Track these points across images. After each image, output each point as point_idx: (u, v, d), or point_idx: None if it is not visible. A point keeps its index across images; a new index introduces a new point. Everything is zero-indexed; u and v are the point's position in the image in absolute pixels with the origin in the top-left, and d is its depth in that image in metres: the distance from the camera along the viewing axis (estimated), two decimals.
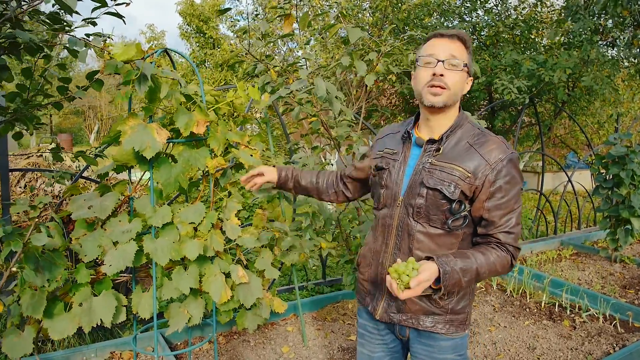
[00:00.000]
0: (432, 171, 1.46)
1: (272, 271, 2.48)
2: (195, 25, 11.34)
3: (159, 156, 2.16)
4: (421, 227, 1.48)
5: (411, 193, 1.49)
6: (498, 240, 1.45)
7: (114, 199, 2.18)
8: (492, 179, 1.41)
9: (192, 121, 2.14)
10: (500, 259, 1.44)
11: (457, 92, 1.47)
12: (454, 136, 1.50)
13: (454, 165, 1.44)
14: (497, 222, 1.44)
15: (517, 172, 1.46)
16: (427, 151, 1.51)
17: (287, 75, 2.71)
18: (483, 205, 1.43)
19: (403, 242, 1.51)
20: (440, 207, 1.45)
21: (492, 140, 1.46)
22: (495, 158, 1.42)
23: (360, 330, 1.75)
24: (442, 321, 1.52)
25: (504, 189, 1.42)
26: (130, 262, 2.07)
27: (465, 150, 1.46)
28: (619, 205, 4.49)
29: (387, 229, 1.56)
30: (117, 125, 2.05)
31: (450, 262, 1.36)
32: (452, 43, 1.47)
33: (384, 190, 1.58)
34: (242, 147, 2.42)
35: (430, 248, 1.48)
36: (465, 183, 1.42)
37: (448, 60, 1.44)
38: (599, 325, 3.37)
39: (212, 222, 2.26)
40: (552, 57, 5.38)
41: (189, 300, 2.38)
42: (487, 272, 1.42)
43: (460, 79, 1.46)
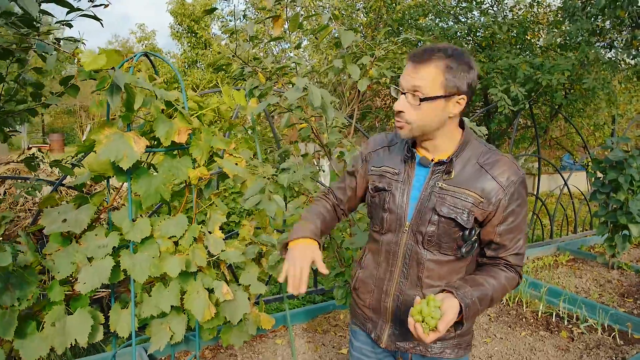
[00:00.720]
0: (444, 197, 1.36)
1: (259, 286, 2.36)
2: (187, 25, 11.17)
3: (138, 166, 2.04)
4: (431, 255, 1.39)
5: (420, 220, 1.39)
6: (507, 262, 1.40)
7: (90, 212, 2.06)
8: (505, 203, 1.33)
9: (172, 130, 2.02)
10: (510, 280, 1.39)
11: (425, 124, 1.33)
12: (462, 157, 1.38)
13: (466, 191, 1.34)
14: (507, 245, 1.38)
15: (526, 194, 1.40)
16: (435, 173, 1.39)
17: (276, 78, 2.59)
18: (495, 229, 1.36)
19: (411, 270, 1.42)
20: (452, 235, 1.36)
21: (502, 161, 1.36)
22: (508, 180, 1.33)
23: (356, 354, 1.65)
24: (450, 346, 1.46)
25: (516, 212, 1.35)
26: (106, 280, 1.95)
27: (476, 172, 1.35)
28: (617, 211, 4.40)
29: (393, 256, 1.46)
30: (92, 134, 1.93)
31: (468, 293, 1.28)
32: (420, 69, 1.29)
33: (388, 215, 1.46)
34: (227, 156, 2.30)
35: (440, 275, 1.40)
36: (479, 209, 1.33)
37: (409, 92, 1.30)
38: (597, 336, 3.27)
39: (195, 235, 2.14)
40: (549, 59, 5.29)
41: (171, 317, 2.26)
42: (500, 296, 1.37)
43: (428, 110, 1.30)
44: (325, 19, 2.38)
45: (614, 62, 5.12)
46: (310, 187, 2.54)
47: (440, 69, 1.28)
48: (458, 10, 6.82)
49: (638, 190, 4.35)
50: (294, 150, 2.59)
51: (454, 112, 1.34)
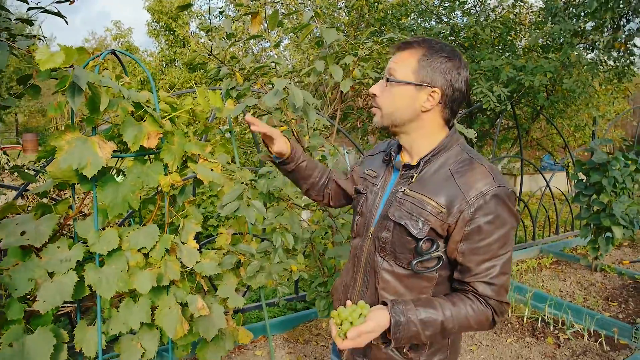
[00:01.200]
0: (403, 202, 1.23)
1: (236, 299, 2.23)
2: (164, 23, 10.88)
3: (104, 173, 1.89)
4: (387, 264, 1.26)
5: (380, 225, 1.28)
6: (475, 290, 1.19)
7: (52, 223, 1.90)
8: (468, 216, 1.15)
9: (141, 133, 1.88)
10: (476, 313, 1.18)
11: (395, 110, 1.24)
12: (435, 162, 1.25)
13: (426, 198, 1.20)
14: (473, 270, 1.18)
15: (505, 211, 1.17)
16: (403, 177, 1.29)
17: (255, 79, 2.46)
18: (457, 247, 1.18)
19: (370, 279, 1.31)
20: (406, 245, 1.22)
21: (477, 170, 1.19)
22: (476, 191, 1.16)
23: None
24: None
25: (485, 230, 1.15)
26: (69, 297, 1.80)
27: (444, 179, 1.21)
28: (600, 213, 4.38)
29: (357, 262, 1.36)
30: (52, 139, 1.77)
31: (409, 311, 1.15)
32: (397, 54, 1.26)
33: (359, 218, 1.39)
34: (202, 161, 2.16)
35: (397, 290, 1.25)
36: (437, 219, 1.17)
37: (386, 75, 1.25)
38: (584, 342, 3.22)
39: (167, 246, 2.00)
40: (531, 60, 5.26)
41: (142, 333, 2.11)
42: (457, 327, 1.18)
43: (399, 96, 1.23)
44: (307, 17, 2.26)
45: (595, 63, 5.11)
46: (290, 193, 2.42)
47: (415, 57, 1.22)
48: (441, 10, 6.76)
49: (621, 192, 4.33)
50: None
51: (427, 106, 1.23)
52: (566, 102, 6.35)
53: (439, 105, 1.24)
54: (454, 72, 1.22)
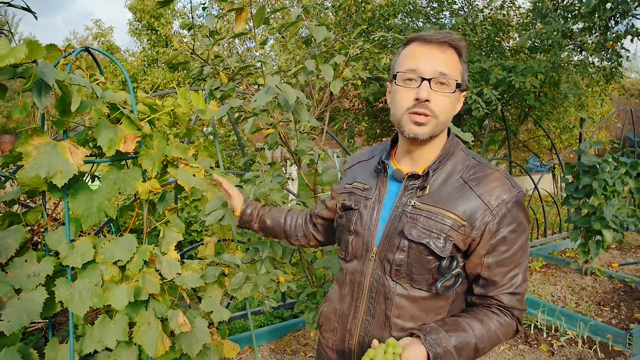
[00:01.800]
0: (416, 217, 1.11)
1: (221, 312, 2.10)
2: (146, 22, 10.63)
3: (76, 181, 1.75)
4: (401, 289, 1.13)
5: (388, 244, 1.15)
6: (501, 303, 1.12)
7: (19, 235, 1.74)
8: (493, 228, 1.08)
9: (117, 137, 1.74)
10: (504, 327, 1.12)
11: (447, 119, 1.12)
12: (443, 169, 1.15)
13: (443, 211, 1.10)
14: (499, 282, 1.11)
15: (524, 217, 1.11)
16: (408, 189, 1.16)
17: (239, 79, 2.33)
18: (482, 261, 1.10)
19: (378, 307, 1.17)
20: (425, 265, 1.11)
21: (493, 176, 1.12)
22: (498, 200, 1.08)
23: None
24: None
25: (509, 240, 1.09)
26: (37, 315, 1.65)
27: (459, 188, 1.11)
28: (591, 216, 4.33)
29: (357, 288, 1.21)
30: (18, 145, 1.63)
31: (443, 340, 1.04)
32: (442, 53, 1.10)
33: (353, 238, 1.23)
34: (182, 166, 2.03)
35: (413, 314, 1.14)
36: (459, 234, 1.08)
37: (436, 78, 1.08)
38: (578, 349, 3.15)
39: (145, 258, 1.86)
40: (520, 62, 5.22)
41: (119, 349, 1.96)
42: (488, 345, 1.10)
43: (452, 102, 1.11)
44: (294, 14, 2.14)
45: (584, 64, 5.08)
46: (277, 199, 2.29)
47: (456, 56, 1.12)
48: (429, 10, 6.69)
49: (611, 195, 4.29)
50: (260, 159, 2.34)
51: (457, 111, 1.15)
52: (554, 103, 6.34)
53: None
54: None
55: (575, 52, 5.30)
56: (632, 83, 11.38)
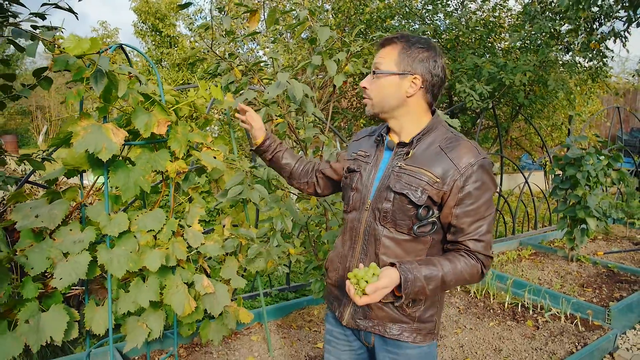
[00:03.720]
0: (400, 175, 1.41)
1: (238, 280, 2.36)
2: (151, 23, 10.92)
3: (114, 159, 2.01)
4: (387, 232, 1.43)
5: (379, 197, 1.44)
6: (467, 248, 1.39)
7: (63, 207, 2.01)
8: (460, 184, 1.36)
9: (152, 121, 2.00)
10: (469, 267, 1.38)
11: (383, 98, 1.45)
12: (425, 139, 1.45)
13: (422, 170, 1.39)
14: (466, 230, 1.38)
15: (488, 178, 1.39)
16: (397, 154, 1.46)
17: (251, 74, 2.59)
18: (451, 211, 1.38)
19: (370, 247, 1.46)
20: (406, 212, 1.40)
21: (463, 145, 1.40)
22: (465, 163, 1.36)
23: (327, 336, 1.69)
24: (409, 329, 1.47)
25: (474, 195, 1.36)
26: (84, 275, 1.91)
27: (436, 154, 1.41)
28: (576, 205, 4.61)
29: (355, 233, 1.51)
30: (67, 126, 1.89)
31: (414, 269, 1.32)
32: (381, 50, 1.46)
33: (354, 193, 1.53)
34: (205, 149, 2.29)
35: (397, 254, 1.43)
36: (433, 188, 1.37)
37: (373, 70, 1.46)
38: (561, 324, 3.42)
39: (173, 229, 2.12)
40: (511, 61, 5.49)
41: (147, 313, 2.23)
42: (454, 280, 1.37)
43: (385, 85, 1.43)
44: (301, 16, 2.41)
45: (571, 64, 5.36)
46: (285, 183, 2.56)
47: (396, 50, 1.42)
48: (424, 12, 6.97)
49: (595, 186, 4.56)
50: None
51: (410, 91, 1.43)
52: (544, 102, 6.62)
53: (421, 90, 1.44)
54: (431, 60, 1.42)
55: (562, 52, 5.59)
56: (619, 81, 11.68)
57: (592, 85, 6.20)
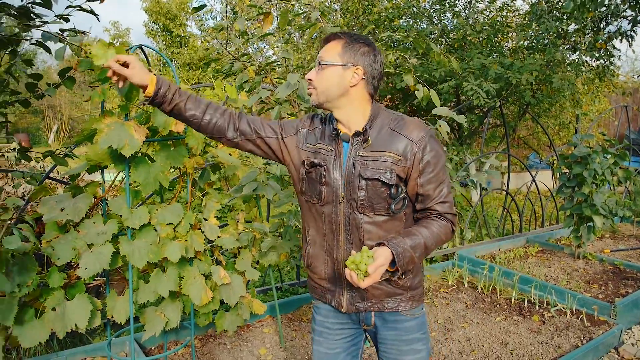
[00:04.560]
0: (366, 162, 1.51)
1: (252, 272, 2.45)
2: (162, 23, 11.09)
3: (135, 156, 2.10)
4: (367, 218, 1.53)
5: (350, 187, 1.53)
6: (436, 211, 1.54)
7: (87, 201, 2.11)
8: (420, 156, 1.49)
9: (169, 119, 2.09)
10: (442, 227, 1.53)
11: (328, 88, 1.53)
12: (375, 126, 1.55)
13: (384, 152, 1.50)
14: (432, 195, 1.52)
15: (438, 146, 1.54)
16: (354, 144, 1.55)
17: (264, 74, 2.68)
18: (416, 182, 1.51)
19: (353, 236, 1.55)
20: (381, 195, 1.50)
21: (410, 121, 1.54)
22: (418, 136, 1.50)
23: (319, 328, 1.73)
24: (404, 299, 1.59)
25: (432, 163, 1.50)
26: (107, 265, 2.01)
27: (389, 135, 1.52)
28: (582, 203, 4.66)
29: (335, 225, 1.58)
30: (91, 123, 1.98)
31: (400, 242, 1.42)
32: (325, 45, 1.56)
33: (325, 188, 1.57)
34: (220, 146, 2.38)
35: (379, 235, 1.53)
36: (398, 166, 1.49)
37: (318, 62, 1.55)
38: (566, 319, 3.48)
39: (191, 222, 2.21)
40: (518, 60, 5.54)
41: (165, 304, 2.33)
42: (434, 243, 1.51)
43: (329, 76, 1.52)
44: (313, 17, 2.49)
45: (577, 63, 5.41)
46: None
47: (339, 44, 1.52)
48: (431, 12, 7.03)
49: (601, 183, 4.61)
50: None
51: (353, 81, 1.52)
52: (551, 101, 6.66)
53: (362, 81, 1.54)
54: (371, 54, 1.54)
55: (569, 52, 5.63)
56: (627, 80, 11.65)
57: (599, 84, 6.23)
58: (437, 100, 2.47)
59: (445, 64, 2.72)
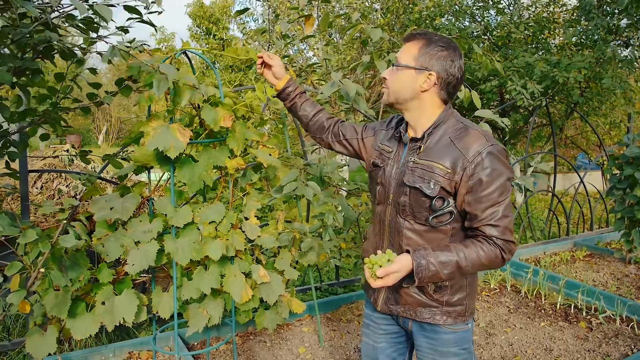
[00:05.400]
0: (414, 169, 1.50)
1: (291, 272, 2.48)
2: (205, 27, 11.38)
3: (180, 157, 2.17)
4: (408, 224, 1.52)
5: (398, 192, 1.53)
6: (483, 233, 1.44)
7: (134, 200, 2.19)
8: (470, 172, 1.42)
9: (218, 116, 2.15)
10: (486, 252, 1.43)
11: (399, 90, 1.52)
12: (436, 133, 1.52)
13: (433, 163, 1.47)
14: (480, 216, 1.43)
15: (500, 164, 1.44)
16: (411, 149, 1.55)
17: (305, 75, 2.71)
18: (464, 199, 1.45)
19: (395, 238, 1.56)
20: (422, 205, 1.48)
21: (472, 134, 1.47)
22: (474, 151, 1.43)
23: (366, 320, 1.79)
24: (439, 313, 1.56)
25: (485, 181, 1.41)
26: (152, 262, 2.08)
27: (446, 146, 1.48)
28: (634, 206, 4.46)
29: (382, 225, 1.61)
30: (139, 127, 2.06)
31: (428, 255, 1.40)
32: (405, 44, 1.54)
33: (380, 188, 1.62)
34: (261, 147, 2.42)
35: (419, 244, 1.51)
36: (445, 179, 1.44)
37: (393, 63, 1.55)
38: (615, 326, 3.34)
39: (232, 222, 2.27)
40: (565, 58, 5.35)
41: (207, 301, 2.39)
42: (471, 265, 1.42)
43: (402, 78, 1.51)
44: (354, 18, 2.50)
45: (630, 60, 5.17)
46: (337, 180, 2.66)
47: (417, 46, 1.50)
48: (474, 9, 6.89)
49: None
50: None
51: (424, 86, 1.49)
52: (601, 99, 6.40)
53: (435, 87, 1.50)
54: (448, 59, 1.49)
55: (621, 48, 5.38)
56: None
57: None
58: (478, 102, 2.43)
59: (487, 66, 2.67)
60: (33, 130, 2.09)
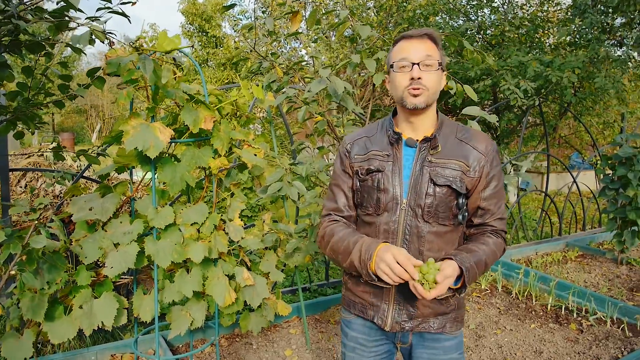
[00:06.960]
0: (436, 169, 1.46)
1: (277, 274, 2.43)
2: (198, 25, 11.30)
3: (161, 156, 2.12)
4: (430, 227, 1.46)
5: (417, 194, 1.45)
6: (493, 227, 1.51)
7: (114, 200, 2.14)
8: (488, 169, 1.46)
9: (199, 117, 2.09)
10: (497, 245, 1.49)
11: (436, 91, 1.48)
12: (443, 133, 1.51)
13: (453, 160, 1.46)
14: (492, 210, 1.49)
15: (499, 159, 1.53)
16: (422, 150, 1.49)
17: (292, 73, 2.66)
18: (480, 195, 1.47)
19: (412, 245, 1.46)
20: (448, 204, 1.46)
21: (477, 133, 1.53)
22: (487, 149, 1.48)
23: (351, 344, 1.63)
24: (449, 320, 1.54)
25: (497, 177, 1.49)
26: (132, 264, 2.03)
27: (458, 145, 1.49)
28: (626, 206, 4.44)
29: (392, 235, 1.47)
30: (118, 125, 2.01)
31: (465, 259, 1.38)
32: (423, 43, 1.46)
33: (383, 195, 1.48)
34: (246, 147, 2.37)
35: (439, 247, 1.48)
36: (467, 176, 1.45)
37: (423, 61, 1.43)
38: (606, 328, 3.31)
39: (215, 223, 2.21)
40: (559, 57, 5.32)
41: (191, 303, 2.34)
42: (492, 260, 1.48)
43: (437, 77, 1.47)
44: (342, 15, 2.45)
45: (623, 59, 5.14)
46: (325, 179, 2.61)
47: (435, 45, 1.48)
48: (468, 8, 6.85)
49: None
50: (310, 143, 2.66)
51: (442, 85, 1.52)
52: (594, 98, 6.38)
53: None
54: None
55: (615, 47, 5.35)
56: None
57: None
58: (473, 94, 2.37)
59: (478, 61, 2.62)
60: (6, 128, 2.02)
